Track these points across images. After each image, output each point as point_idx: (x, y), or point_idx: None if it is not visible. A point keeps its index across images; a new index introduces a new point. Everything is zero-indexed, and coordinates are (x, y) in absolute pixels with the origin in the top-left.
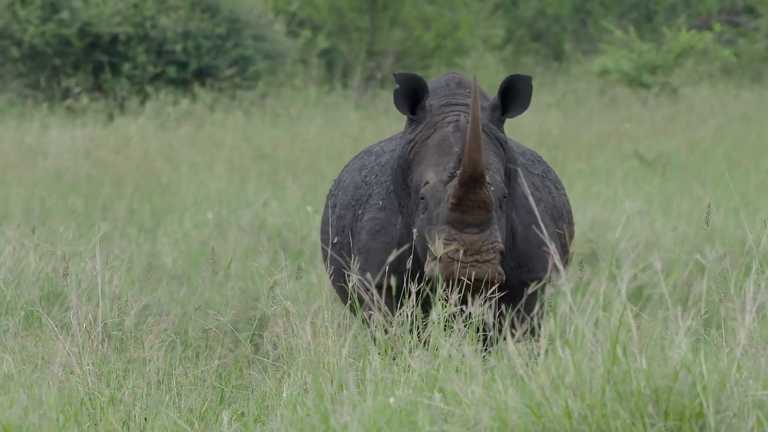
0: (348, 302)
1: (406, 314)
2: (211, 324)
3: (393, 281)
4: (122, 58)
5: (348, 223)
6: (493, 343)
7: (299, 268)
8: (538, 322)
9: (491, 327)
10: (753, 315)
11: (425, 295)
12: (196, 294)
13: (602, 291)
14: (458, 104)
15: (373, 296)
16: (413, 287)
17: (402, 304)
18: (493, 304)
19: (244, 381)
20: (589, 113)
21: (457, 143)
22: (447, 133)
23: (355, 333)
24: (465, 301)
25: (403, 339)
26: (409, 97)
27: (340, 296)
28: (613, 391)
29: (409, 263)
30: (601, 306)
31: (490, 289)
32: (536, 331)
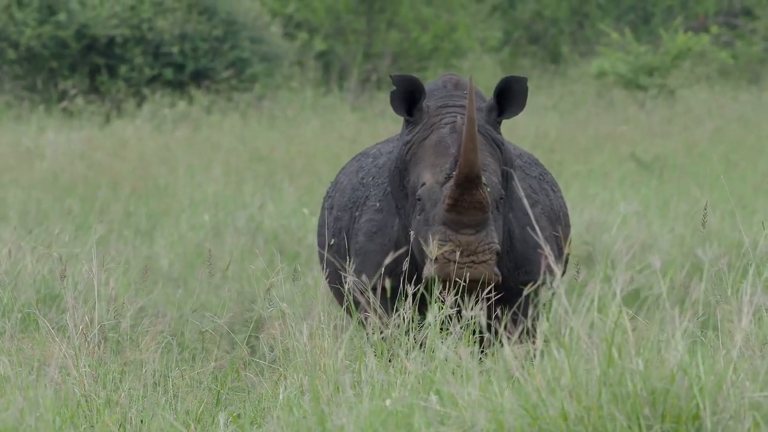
0: (344, 304)
1: (403, 316)
2: (208, 326)
3: (388, 283)
4: (119, 61)
5: (345, 225)
6: (489, 345)
7: (295, 270)
8: (533, 324)
9: (487, 329)
10: (749, 317)
11: (422, 297)
12: (192, 296)
13: (597, 292)
14: (455, 106)
15: (370, 298)
16: (410, 289)
17: (398, 306)
18: (490, 305)
19: (240, 383)
20: (586, 115)
21: (454, 144)
22: (444, 135)
23: (352, 335)
24: (462, 303)
25: (400, 341)
26: (406, 99)
27: (336, 298)
28: (609, 393)
29: (405, 265)
30: (596, 308)
31: (486, 290)
32: (532, 332)
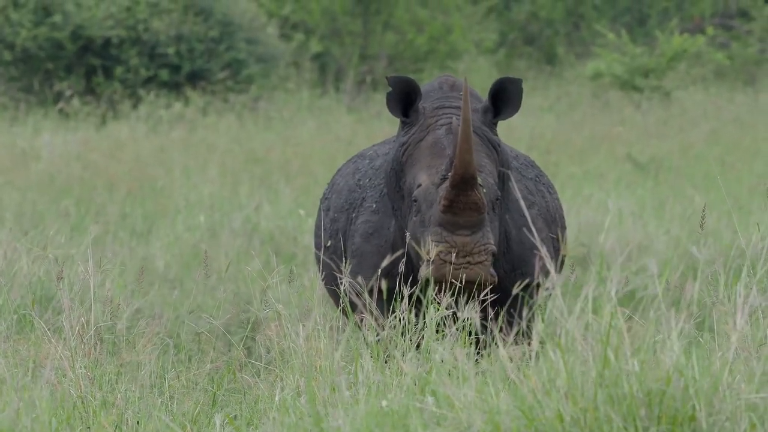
0: (340, 306)
1: (399, 317)
2: (204, 327)
3: (384, 284)
4: (115, 62)
5: (341, 227)
6: (486, 347)
7: (291, 271)
8: (529, 325)
9: (483, 330)
10: (745, 318)
11: (418, 298)
12: (188, 297)
13: (591, 293)
14: (451, 107)
15: (366, 300)
16: (406, 290)
17: (395, 307)
18: (486, 306)
19: (236, 384)
20: (582, 117)
21: (450, 146)
22: (440, 136)
23: (348, 336)
24: (457, 304)
25: (396, 342)
26: (402, 100)
27: (333, 299)
28: (605, 395)
29: (401, 266)
30: (590, 309)
31: (482, 292)
32: (527, 334)
